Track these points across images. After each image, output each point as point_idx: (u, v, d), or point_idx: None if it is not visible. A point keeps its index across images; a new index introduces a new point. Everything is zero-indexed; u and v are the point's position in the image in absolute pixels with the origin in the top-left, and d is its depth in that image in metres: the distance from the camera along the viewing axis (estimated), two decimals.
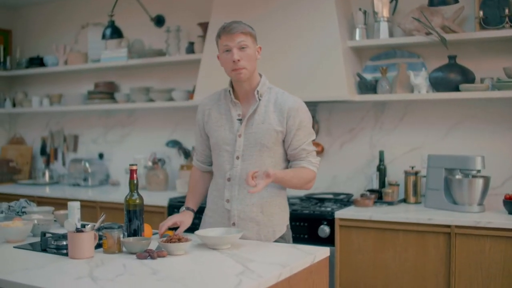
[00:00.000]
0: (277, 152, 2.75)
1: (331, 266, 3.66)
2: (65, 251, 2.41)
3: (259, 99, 2.73)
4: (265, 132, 2.69)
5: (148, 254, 2.31)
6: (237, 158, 2.73)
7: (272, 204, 2.77)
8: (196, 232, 2.56)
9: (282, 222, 2.83)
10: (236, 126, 2.74)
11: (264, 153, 2.71)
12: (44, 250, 2.49)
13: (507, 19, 3.71)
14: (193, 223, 2.87)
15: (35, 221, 2.86)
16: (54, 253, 2.44)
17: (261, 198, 2.74)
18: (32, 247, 2.56)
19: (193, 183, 2.99)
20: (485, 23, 3.79)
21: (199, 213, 2.95)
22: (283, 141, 2.75)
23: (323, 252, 2.52)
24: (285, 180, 2.71)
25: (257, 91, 2.73)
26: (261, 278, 2.04)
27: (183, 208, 2.88)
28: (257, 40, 2.76)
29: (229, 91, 2.77)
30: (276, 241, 2.79)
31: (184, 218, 2.80)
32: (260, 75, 2.79)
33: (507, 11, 3.71)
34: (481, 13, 3.78)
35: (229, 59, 2.65)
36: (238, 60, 2.63)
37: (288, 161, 2.83)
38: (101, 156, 5.68)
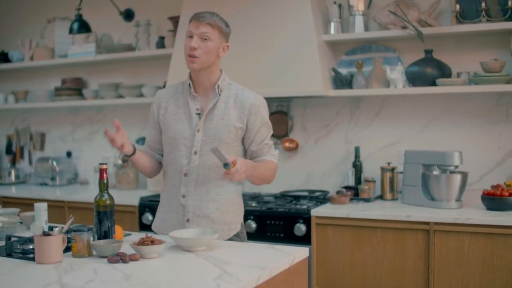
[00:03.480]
0: (235, 148, 2.73)
1: (308, 265, 3.60)
2: (31, 255, 2.30)
3: (219, 94, 2.69)
4: (224, 128, 2.67)
5: (120, 258, 2.21)
6: (195, 153, 2.69)
7: (228, 202, 2.74)
8: (170, 233, 2.47)
9: (236, 220, 2.81)
10: (195, 121, 2.70)
11: (223, 149, 2.66)
12: (9, 255, 2.38)
13: (483, 12, 3.69)
14: (148, 220, 2.79)
15: (0, 224, 2.73)
16: (20, 258, 2.33)
17: (218, 195, 2.72)
18: None
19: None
20: (462, 17, 3.76)
21: (154, 209, 2.91)
22: (243, 137, 2.74)
23: (302, 252, 2.45)
24: (258, 174, 2.70)
25: (218, 86, 2.70)
26: (239, 282, 1.96)
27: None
28: (230, 37, 2.71)
29: (189, 84, 2.71)
30: (230, 239, 2.77)
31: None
32: (221, 71, 2.75)
33: (483, 4, 3.68)
34: (458, 6, 3.76)
35: (187, 45, 2.63)
36: (195, 48, 2.60)
37: (245, 157, 2.81)
38: (69, 154, 5.54)
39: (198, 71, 2.66)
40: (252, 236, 3.75)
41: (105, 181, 2.46)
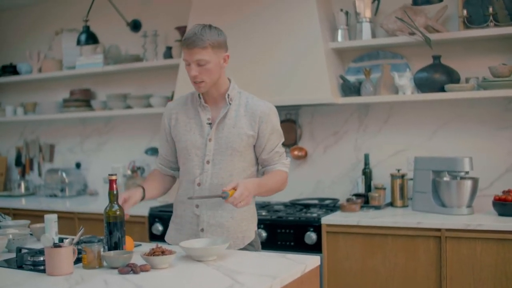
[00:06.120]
0: (247, 156, 2.73)
1: (319, 273, 3.58)
2: (42, 267, 2.30)
3: (230, 103, 2.69)
4: (236, 136, 2.67)
5: (131, 269, 2.21)
6: (207, 162, 2.69)
7: (242, 209, 2.71)
8: (181, 243, 2.46)
9: (251, 227, 2.80)
10: (206, 130, 2.70)
11: (235, 157, 2.68)
12: (20, 267, 2.37)
13: (491, 17, 3.67)
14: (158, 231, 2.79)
15: (10, 236, 2.74)
16: (31, 270, 2.32)
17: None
18: (7, 263, 2.44)
19: (151, 175, 2.91)
20: (469, 22, 3.75)
21: (166, 221, 2.90)
22: (254, 145, 2.73)
23: (313, 261, 2.44)
24: (266, 190, 2.70)
25: (228, 95, 2.70)
26: None
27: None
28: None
29: (199, 94, 2.72)
30: (245, 248, 2.75)
31: (131, 193, 2.65)
32: (229, 80, 2.75)
33: (491, 9, 3.67)
34: (465, 12, 3.75)
35: (188, 72, 2.63)
36: (196, 76, 2.59)
37: (257, 165, 2.80)
38: (78, 165, 5.55)
39: (207, 90, 2.68)
40: (263, 245, 3.69)
41: (114, 192, 2.45)
